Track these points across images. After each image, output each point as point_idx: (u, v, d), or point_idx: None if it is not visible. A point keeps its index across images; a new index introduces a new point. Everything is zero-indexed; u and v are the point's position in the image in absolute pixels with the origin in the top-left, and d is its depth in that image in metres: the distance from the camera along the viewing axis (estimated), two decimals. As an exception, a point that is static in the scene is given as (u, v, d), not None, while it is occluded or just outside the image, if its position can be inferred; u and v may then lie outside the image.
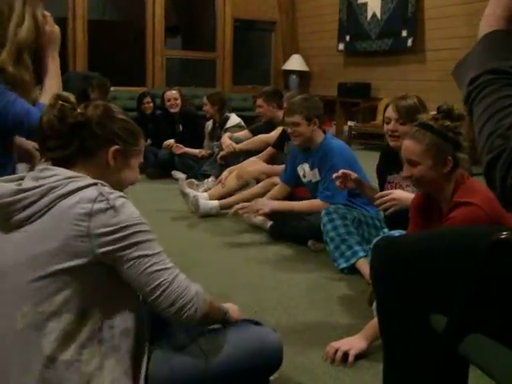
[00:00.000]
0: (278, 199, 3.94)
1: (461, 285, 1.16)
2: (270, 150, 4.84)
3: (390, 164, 3.03)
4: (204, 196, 4.48)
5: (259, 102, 5.27)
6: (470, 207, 2.02)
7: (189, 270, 3.19)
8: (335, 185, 3.16)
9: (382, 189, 3.06)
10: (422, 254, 1.36)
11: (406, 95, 2.92)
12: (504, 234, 1.07)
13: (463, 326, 1.19)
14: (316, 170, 3.69)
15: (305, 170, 3.80)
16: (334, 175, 2.99)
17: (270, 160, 4.78)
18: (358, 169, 3.47)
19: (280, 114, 5.11)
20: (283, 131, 4.60)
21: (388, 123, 2.89)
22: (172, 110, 6.26)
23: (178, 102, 6.22)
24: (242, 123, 5.92)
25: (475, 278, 1.13)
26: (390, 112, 2.88)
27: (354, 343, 2.19)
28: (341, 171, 2.98)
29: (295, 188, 4.04)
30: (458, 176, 2.16)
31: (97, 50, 9.20)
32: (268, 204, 3.74)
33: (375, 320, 2.18)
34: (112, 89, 8.95)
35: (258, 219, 4.03)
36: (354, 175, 2.98)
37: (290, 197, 4.00)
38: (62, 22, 9.14)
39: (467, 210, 2.02)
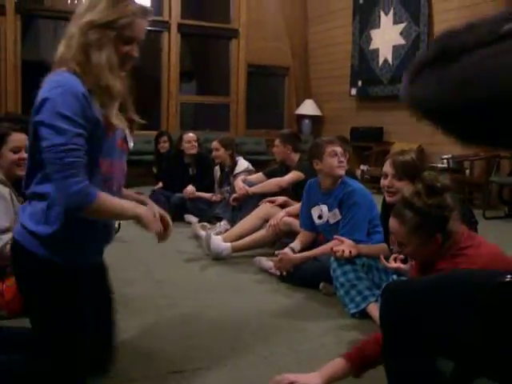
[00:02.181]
0: (306, 245, 3.96)
1: (467, 329, 1.17)
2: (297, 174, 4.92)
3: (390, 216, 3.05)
4: (217, 238, 4.48)
5: (276, 142, 5.29)
6: None
7: (200, 313, 3.22)
8: (357, 221, 3.25)
9: (386, 237, 3.09)
10: (430, 299, 1.37)
11: (405, 151, 2.93)
12: (508, 277, 1.07)
13: (470, 371, 1.19)
14: (336, 210, 3.73)
15: (322, 211, 3.83)
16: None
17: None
18: (375, 211, 3.58)
19: (295, 156, 5.15)
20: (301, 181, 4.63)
21: (385, 178, 2.91)
22: (190, 152, 6.36)
23: (196, 144, 6.33)
24: (251, 167, 5.94)
25: (480, 321, 1.14)
26: (387, 167, 2.89)
27: (311, 379, 2.11)
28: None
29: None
30: (451, 243, 2.05)
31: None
32: (290, 262, 3.78)
33: (336, 360, 2.15)
34: (127, 133, 9.15)
35: (269, 264, 4.03)
36: (353, 252, 3.16)
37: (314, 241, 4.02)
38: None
39: None
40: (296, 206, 4.51)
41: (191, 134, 6.42)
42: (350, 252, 3.18)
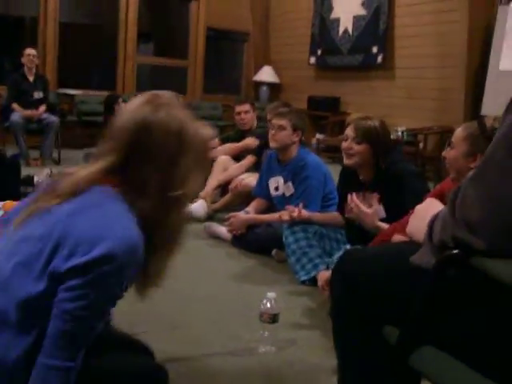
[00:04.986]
0: (260, 212, 3.97)
1: (413, 298, 1.19)
2: (250, 158, 4.83)
3: (349, 182, 3.07)
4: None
5: (245, 107, 5.09)
6: None
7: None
8: (310, 194, 3.28)
9: (342, 206, 3.13)
10: (380, 267, 1.38)
11: (369, 117, 2.94)
12: (455, 251, 1.09)
13: (414, 339, 1.21)
14: (290, 183, 3.74)
15: (278, 183, 3.84)
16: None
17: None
18: (331, 184, 3.60)
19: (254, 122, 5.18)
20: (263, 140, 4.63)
21: (345, 140, 2.93)
22: None
23: None
24: None
25: (426, 292, 1.16)
26: (349, 130, 2.92)
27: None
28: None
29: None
30: None
31: (67, 53, 9.12)
32: (242, 222, 3.79)
33: None
34: (81, 92, 8.93)
35: (221, 229, 4.03)
36: (303, 215, 3.18)
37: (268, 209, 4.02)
38: (32, 22, 9.06)
39: None
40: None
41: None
42: (300, 213, 3.20)
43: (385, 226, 2.61)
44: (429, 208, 1.35)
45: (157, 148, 1.40)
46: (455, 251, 1.09)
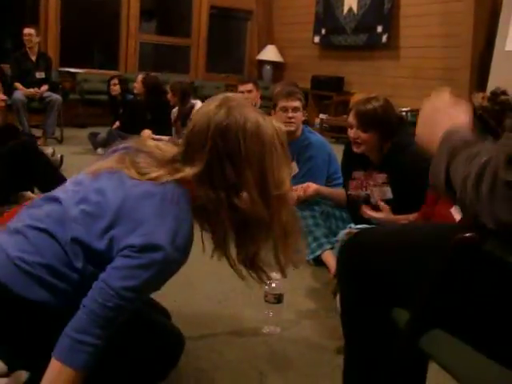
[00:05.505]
0: None
1: (423, 281, 1.17)
2: None
3: (354, 161, 3.04)
4: None
5: (248, 86, 5.03)
6: None
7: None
8: (314, 174, 3.24)
9: (346, 184, 3.11)
10: (389, 249, 1.37)
11: (371, 98, 2.85)
12: (468, 234, 1.07)
13: (424, 322, 1.20)
14: (294, 163, 3.71)
15: None
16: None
17: None
18: (335, 164, 3.57)
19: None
20: None
21: (351, 128, 2.89)
22: (135, 91, 6.70)
23: (138, 86, 6.55)
24: None
25: (437, 275, 1.14)
26: (352, 118, 2.87)
27: None
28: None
29: None
30: None
31: (69, 31, 9.04)
32: None
33: None
34: (84, 71, 8.87)
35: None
36: (311, 189, 3.14)
37: None
38: (34, -1, 8.96)
39: None
40: None
41: (138, 76, 6.72)
42: (305, 191, 3.17)
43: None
44: (434, 114, 1.29)
45: (238, 150, 1.43)
46: (468, 234, 1.07)
